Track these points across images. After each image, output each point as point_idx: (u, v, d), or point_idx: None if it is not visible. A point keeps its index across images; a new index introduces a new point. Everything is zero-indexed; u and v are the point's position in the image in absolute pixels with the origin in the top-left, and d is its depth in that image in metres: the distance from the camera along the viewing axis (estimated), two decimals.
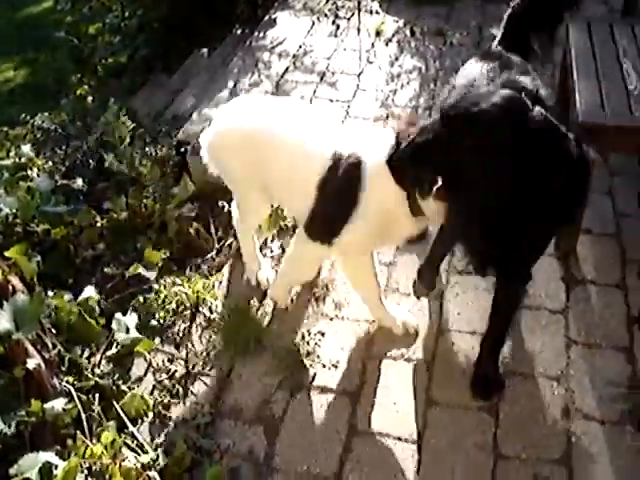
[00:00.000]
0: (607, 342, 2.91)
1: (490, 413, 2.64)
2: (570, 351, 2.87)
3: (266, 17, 5.69)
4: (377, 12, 5.68)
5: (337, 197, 2.59)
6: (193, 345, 2.95)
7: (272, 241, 3.46)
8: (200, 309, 3.08)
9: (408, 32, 5.32)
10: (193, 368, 2.86)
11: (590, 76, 3.34)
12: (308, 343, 2.91)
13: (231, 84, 4.66)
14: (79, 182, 3.74)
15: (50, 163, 3.97)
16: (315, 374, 2.80)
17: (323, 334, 2.95)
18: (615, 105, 3.13)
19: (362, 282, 2.90)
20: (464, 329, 2.96)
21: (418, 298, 3.08)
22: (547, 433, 2.58)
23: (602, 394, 2.71)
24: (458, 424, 2.61)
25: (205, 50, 5.78)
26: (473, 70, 2.81)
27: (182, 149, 3.86)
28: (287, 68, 4.89)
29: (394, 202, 2.49)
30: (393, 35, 5.31)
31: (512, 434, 2.57)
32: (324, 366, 2.83)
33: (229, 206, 3.43)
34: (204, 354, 2.91)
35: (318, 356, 2.86)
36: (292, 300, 3.09)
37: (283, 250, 3.36)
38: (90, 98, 4.75)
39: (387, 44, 5.19)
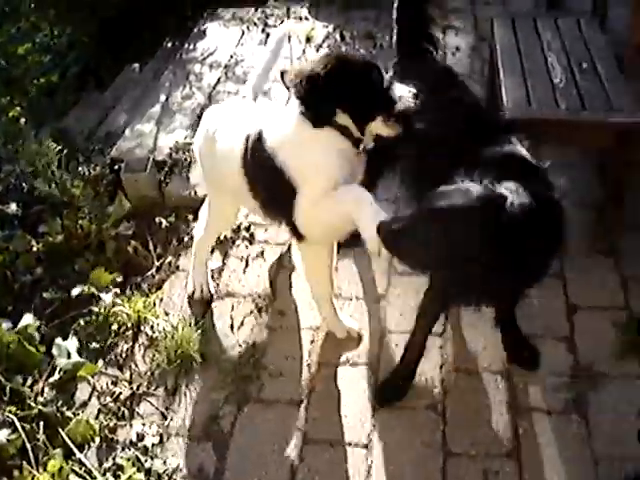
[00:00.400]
0: (548, 332, 2.96)
1: (437, 412, 2.66)
2: None
3: (196, 29, 5.65)
4: (306, 18, 5.68)
5: (263, 175, 2.61)
6: (137, 365, 2.92)
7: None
8: (142, 328, 3.04)
9: (338, 37, 5.34)
10: (138, 389, 2.82)
11: (516, 71, 3.40)
12: (253, 355, 2.89)
13: (163, 98, 4.61)
14: (13, 207, 3.69)
15: None
16: (262, 385, 2.79)
17: (267, 345, 2.94)
18: (541, 99, 3.18)
19: (318, 274, 2.83)
20: (407, 330, 2.96)
21: None
22: (494, 427, 2.61)
23: (546, 385, 2.75)
24: (406, 425, 2.62)
25: (137, 65, 5.73)
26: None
27: (116, 166, 3.82)
28: (219, 79, 4.86)
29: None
30: (323, 41, 5.31)
31: (460, 431, 2.59)
32: (270, 376, 2.82)
33: (166, 222, 3.41)
34: (148, 374, 2.87)
35: (264, 367, 2.85)
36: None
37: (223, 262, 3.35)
38: (22, 120, 4.68)
39: (318, 50, 5.19)
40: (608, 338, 2.91)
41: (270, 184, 2.59)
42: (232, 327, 3.05)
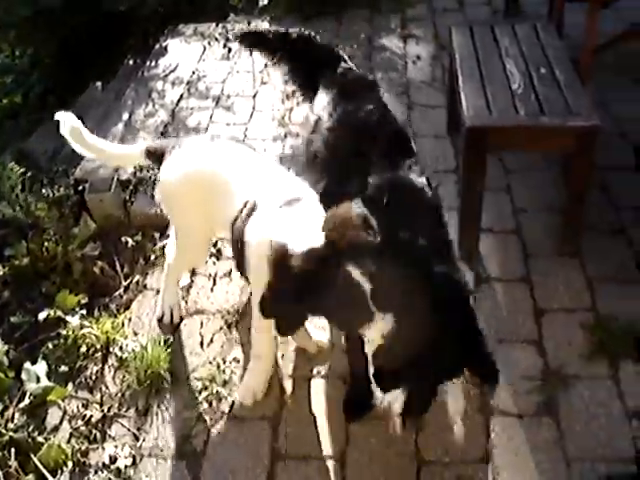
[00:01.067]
0: (517, 337, 2.98)
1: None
2: None
3: (157, 45, 5.64)
4: None
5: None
6: (107, 387, 2.89)
7: None
8: (111, 349, 3.01)
9: None
10: (109, 411, 2.79)
11: (474, 79, 3.43)
12: (224, 372, 2.88)
13: (126, 116, 4.60)
14: None
15: None
16: (233, 402, 2.77)
17: (238, 361, 2.93)
18: (500, 106, 3.21)
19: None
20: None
21: None
22: (467, 433, 2.62)
23: (517, 389, 2.76)
24: (379, 435, 2.61)
25: (99, 83, 5.71)
26: (318, 103, 2.87)
27: (80, 187, 3.80)
28: (182, 95, 4.86)
29: None
30: None
31: (433, 438, 2.60)
32: None
33: (132, 241, 3.39)
34: (119, 395, 2.85)
35: (235, 384, 2.84)
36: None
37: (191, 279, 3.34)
38: None
39: None
40: (576, 340, 2.94)
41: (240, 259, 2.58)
42: (202, 344, 3.03)
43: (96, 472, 2.58)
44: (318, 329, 2.98)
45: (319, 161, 2.69)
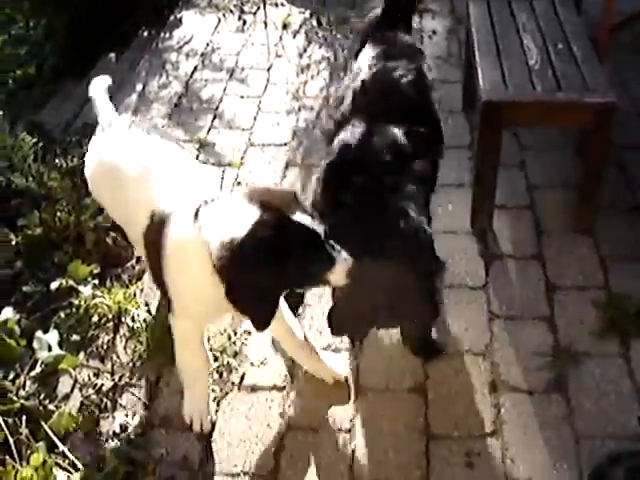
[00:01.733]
0: (529, 313, 2.98)
1: (419, 394, 2.67)
2: (493, 325, 2.92)
3: (171, 17, 5.61)
4: (282, 4, 5.67)
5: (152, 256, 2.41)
6: (118, 357, 2.90)
7: None
8: (123, 319, 3.02)
9: (315, 22, 5.33)
10: (120, 380, 2.81)
11: (491, 54, 3.40)
12: (235, 343, 2.89)
13: (139, 87, 4.59)
14: None
15: None
16: (244, 373, 2.79)
17: (249, 333, 2.94)
18: (517, 81, 3.18)
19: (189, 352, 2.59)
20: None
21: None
22: (476, 409, 2.62)
23: (527, 365, 2.76)
24: (388, 408, 2.63)
25: (113, 55, 5.68)
26: (363, 56, 2.94)
27: None
28: (195, 67, 4.84)
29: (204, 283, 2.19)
30: (300, 26, 5.31)
31: (442, 413, 2.61)
32: (252, 364, 2.82)
33: None
34: (130, 365, 2.86)
35: (246, 355, 2.85)
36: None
37: None
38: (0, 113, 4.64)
39: (295, 36, 5.18)
40: (588, 317, 2.94)
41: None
42: None
43: (107, 440, 2.59)
44: (336, 359, 2.82)
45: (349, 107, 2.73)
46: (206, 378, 2.64)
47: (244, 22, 5.43)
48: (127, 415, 2.67)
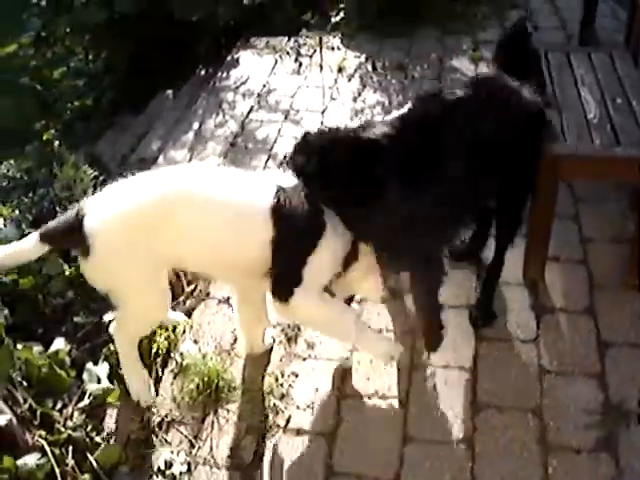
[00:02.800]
0: (579, 369, 2.93)
1: (467, 447, 2.64)
2: (543, 380, 2.88)
3: (229, 57, 5.72)
4: (338, 48, 5.75)
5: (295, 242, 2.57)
6: (166, 392, 2.92)
7: None
8: (172, 355, 3.05)
9: (370, 67, 5.39)
10: (167, 416, 2.82)
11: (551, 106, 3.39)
12: (281, 385, 2.89)
13: (196, 125, 4.67)
14: None
15: (17, 212, 3.93)
16: (290, 416, 2.78)
17: (297, 375, 2.94)
18: (575, 134, 3.17)
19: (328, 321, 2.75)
20: (437, 363, 2.96)
21: None
22: (524, 465, 2.58)
23: (577, 422, 2.72)
24: (435, 460, 2.60)
25: (170, 91, 5.81)
26: None
27: None
28: (252, 107, 4.92)
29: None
30: (355, 70, 5.36)
31: (489, 468, 2.57)
32: (298, 407, 2.81)
33: None
34: (177, 401, 2.87)
35: (292, 398, 2.85)
36: None
37: None
38: (57, 143, 4.73)
39: (350, 80, 5.24)
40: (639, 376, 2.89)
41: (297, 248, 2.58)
42: (261, 357, 3.04)
43: (151, 476, 2.60)
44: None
45: None
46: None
47: (300, 64, 5.50)
48: (172, 452, 2.67)
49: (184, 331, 3.14)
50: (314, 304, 2.64)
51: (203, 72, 5.78)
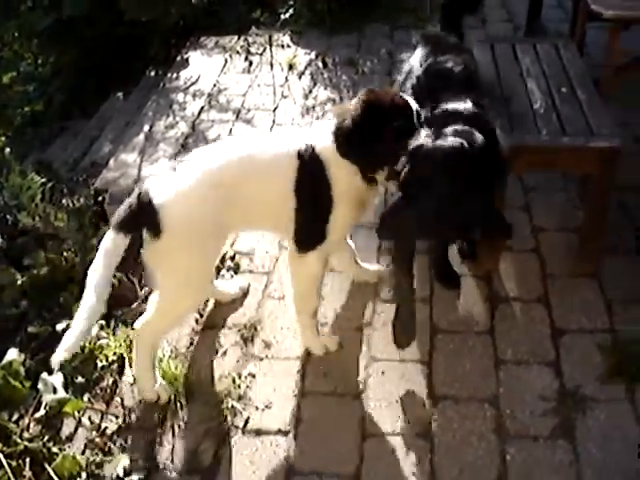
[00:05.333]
0: (534, 357, 2.96)
1: (425, 440, 2.66)
2: (499, 370, 2.91)
3: (179, 57, 5.67)
4: (289, 45, 5.74)
5: (314, 193, 2.68)
6: (123, 399, 2.89)
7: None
8: (127, 361, 3.02)
9: (320, 63, 5.39)
10: (124, 423, 2.80)
11: (496, 97, 3.42)
12: (239, 386, 2.88)
13: (147, 127, 4.62)
14: None
15: None
16: (248, 417, 2.77)
17: (254, 376, 2.93)
18: (522, 125, 3.20)
19: (312, 286, 2.88)
20: (393, 358, 2.97)
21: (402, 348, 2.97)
22: (482, 455, 2.60)
23: (533, 410, 2.75)
24: (394, 454, 2.62)
25: (121, 94, 5.75)
26: (415, 55, 3.15)
27: (100, 197, 3.82)
28: (202, 108, 4.88)
29: (354, 175, 2.66)
30: (306, 67, 5.36)
31: (448, 459, 2.59)
32: (257, 408, 2.80)
33: None
34: (135, 407, 2.85)
35: (250, 399, 2.84)
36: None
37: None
38: (7, 150, 4.67)
39: (300, 77, 5.23)
40: (594, 361, 2.92)
41: (317, 200, 2.70)
42: (217, 358, 3.03)
43: None
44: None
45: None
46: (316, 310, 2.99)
47: (250, 63, 5.48)
48: (131, 459, 2.65)
49: None
50: (320, 267, 2.83)
51: (153, 73, 5.73)
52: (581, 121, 3.21)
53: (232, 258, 3.50)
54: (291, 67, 5.35)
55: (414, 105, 2.60)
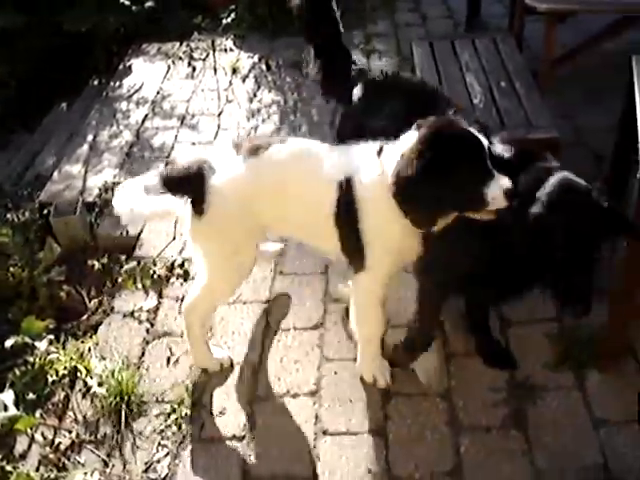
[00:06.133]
0: None
1: (380, 436, 2.68)
2: (450, 364, 2.95)
3: (121, 65, 5.63)
4: (231, 49, 5.73)
5: (349, 224, 2.55)
6: (75, 413, 2.86)
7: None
8: (79, 375, 2.99)
9: (264, 66, 5.39)
10: (78, 437, 2.77)
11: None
12: (192, 394, 2.87)
13: (90, 138, 4.58)
14: None
15: None
16: (203, 424, 2.77)
17: (207, 382, 2.92)
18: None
19: (365, 309, 2.76)
20: (347, 357, 2.99)
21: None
22: (436, 448, 2.63)
23: (484, 401, 2.78)
24: (350, 452, 2.63)
25: (64, 104, 5.68)
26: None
27: (45, 211, 3.78)
28: (146, 115, 4.85)
29: (392, 216, 2.43)
30: (249, 71, 5.37)
31: (403, 454, 2.62)
32: (211, 414, 2.80)
33: (99, 264, 3.39)
34: (88, 421, 2.82)
35: (204, 405, 2.83)
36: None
37: (159, 301, 3.33)
38: None
39: (244, 80, 5.23)
40: (542, 350, 2.97)
41: (352, 238, 2.57)
42: (169, 367, 3.01)
43: None
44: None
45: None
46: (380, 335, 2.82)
47: (194, 68, 5.47)
48: (86, 473, 2.62)
49: (90, 349, 3.09)
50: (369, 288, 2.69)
51: (96, 82, 5.66)
52: (520, 114, 3.27)
53: (181, 265, 3.48)
54: (235, 71, 5.35)
55: (485, 141, 2.31)
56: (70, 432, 2.79)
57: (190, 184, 2.60)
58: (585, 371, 2.88)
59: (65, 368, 2.99)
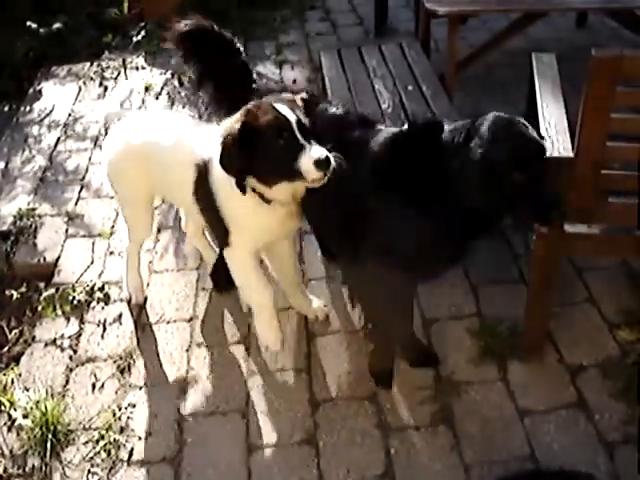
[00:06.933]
0: None
1: (310, 445, 2.69)
2: None
3: (31, 89, 5.50)
4: (143, 67, 5.67)
5: (208, 204, 2.76)
6: (1, 447, 2.79)
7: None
8: (3, 408, 2.92)
9: (176, 82, 5.35)
10: (5, 472, 2.70)
11: (345, 101, 3.49)
12: (119, 418, 2.84)
13: (2, 164, 4.48)
14: None
15: None
16: (132, 448, 2.73)
17: (134, 405, 2.89)
18: None
19: (247, 277, 2.87)
20: (273, 368, 2.99)
21: None
22: (367, 451, 2.66)
23: (412, 401, 2.82)
24: (282, 463, 2.64)
25: None
26: None
27: None
28: (58, 138, 4.76)
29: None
30: (162, 88, 5.31)
31: (334, 461, 2.64)
32: (140, 438, 2.77)
33: (17, 294, 3.33)
34: (14, 454, 2.76)
35: (132, 429, 2.80)
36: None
37: (80, 327, 3.28)
38: None
39: (157, 97, 5.19)
40: (464, 346, 3.03)
41: (213, 215, 2.76)
42: (95, 393, 2.97)
43: None
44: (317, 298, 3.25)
45: None
46: (271, 300, 2.89)
47: (105, 88, 5.39)
48: None
49: (12, 381, 3.02)
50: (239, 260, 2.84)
51: (6, 109, 5.53)
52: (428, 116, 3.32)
53: (101, 289, 3.44)
54: (147, 89, 5.30)
55: (292, 117, 2.43)
56: None
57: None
58: (507, 362, 2.95)
59: None
